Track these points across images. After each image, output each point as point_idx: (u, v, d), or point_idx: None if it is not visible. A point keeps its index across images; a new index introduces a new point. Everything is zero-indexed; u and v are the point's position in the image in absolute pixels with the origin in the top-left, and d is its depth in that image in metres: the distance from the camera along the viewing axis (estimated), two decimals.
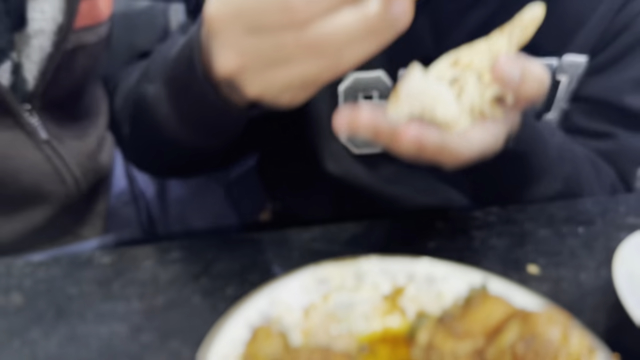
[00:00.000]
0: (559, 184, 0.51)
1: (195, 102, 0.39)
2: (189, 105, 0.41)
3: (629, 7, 0.58)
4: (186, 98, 0.40)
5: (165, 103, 0.43)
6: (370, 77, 0.57)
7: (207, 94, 0.36)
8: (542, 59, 0.57)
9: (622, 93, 0.59)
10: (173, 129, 0.43)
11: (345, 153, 0.59)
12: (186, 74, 0.38)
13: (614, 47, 0.59)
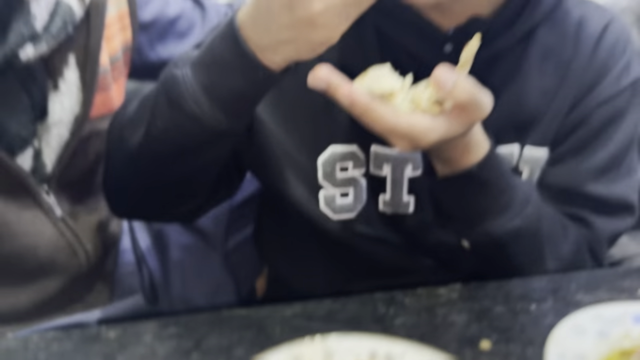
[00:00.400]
0: (520, 221, 0.56)
1: (230, 71, 0.47)
2: (222, 76, 0.47)
3: (582, 104, 0.63)
4: (222, 70, 0.47)
5: (194, 82, 0.48)
6: (346, 151, 0.63)
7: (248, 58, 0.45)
8: (504, 146, 0.62)
9: (584, 182, 0.64)
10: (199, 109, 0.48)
11: (326, 218, 0.64)
12: (226, 47, 0.46)
13: (572, 140, 0.64)
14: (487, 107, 0.47)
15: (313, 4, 0.42)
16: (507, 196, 0.56)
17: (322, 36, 0.45)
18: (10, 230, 0.60)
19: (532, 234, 0.58)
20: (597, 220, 0.65)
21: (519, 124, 0.63)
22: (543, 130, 0.63)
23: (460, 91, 0.44)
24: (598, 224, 0.65)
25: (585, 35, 0.64)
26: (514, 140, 0.63)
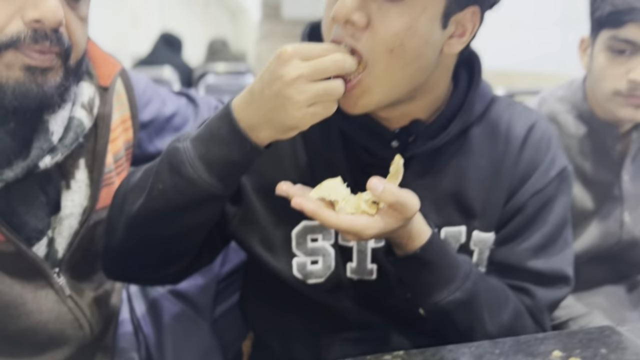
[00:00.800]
0: (461, 294, 0.66)
1: (224, 144, 0.59)
2: (218, 147, 0.60)
3: (518, 195, 0.73)
4: (218, 143, 0.60)
5: (193, 152, 0.61)
6: (316, 225, 0.74)
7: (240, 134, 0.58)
8: (453, 227, 0.73)
9: (525, 259, 0.73)
10: (195, 174, 0.60)
11: (299, 282, 0.73)
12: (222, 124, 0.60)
13: (513, 225, 0.74)
14: (414, 206, 0.60)
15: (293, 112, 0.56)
16: (449, 273, 0.67)
17: (294, 125, 0.58)
18: (27, 309, 0.69)
19: (472, 305, 0.68)
20: (537, 291, 0.74)
21: (464, 210, 0.74)
22: (486, 218, 0.73)
23: (388, 194, 0.57)
24: (538, 294, 0.74)
25: (513, 135, 0.75)
26: (461, 223, 0.74)
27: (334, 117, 0.69)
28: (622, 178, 1.00)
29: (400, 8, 0.59)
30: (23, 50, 0.60)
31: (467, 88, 0.73)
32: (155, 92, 0.91)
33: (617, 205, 1.01)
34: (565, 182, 0.76)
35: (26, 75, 0.61)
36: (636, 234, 1.02)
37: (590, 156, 0.99)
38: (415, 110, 0.70)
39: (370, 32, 0.60)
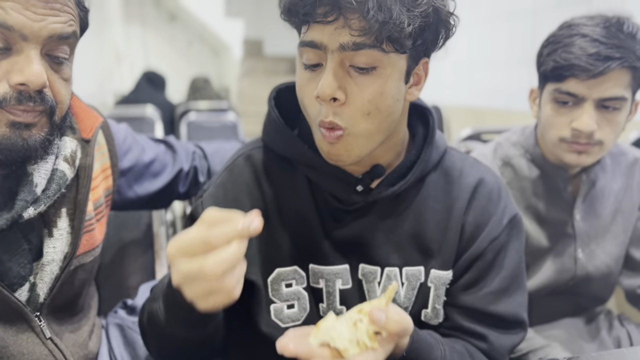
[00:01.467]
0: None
1: (179, 309, 0.63)
2: (176, 311, 0.65)
3: (476, 243, 0.79)
4: (175, 307, 0.64)
5: (163, 313, 0.68)
6: (289, 270, 0.79)
7: (182, 304, 0.60)
8: (412, 267, 0.79)
9: (486, 304, 0.79)
10: (171, 328, 0.67)
11: (276, 327, 0.77)
12: (171, 298, 0.64)
13: (473, 271, 0.80)
14: (411, 327, 0.65)
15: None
16: (430, 351, 0.72)
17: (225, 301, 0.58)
18: (8, 352, 0.72)
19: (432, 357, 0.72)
20: (496, 337, 0.79)
21: (423, 250, 0.79)
22: (442, 257, 0.79)
23: (392, 324, 0.61)
24: (496, 340, 0.79)
25: (465, 182, 0.81)
26: (420, 264, 0.79)
27: (300, 167, 0.76)
28: (574, 217, 1.07)
29: (372, 77, 0.67)
30: (8, 109, 0.65)
31: (423, 141, 0.81)
32: (134, 140, 0.96)
33: (570, 243, 1.07)
34: (516, 228, 0.82)
35: (12, 131, 0.66)
36: (589, 270, 1.08)
37: (543, 197, 1.06)
38: (376, 156, 0.77)
39: (349, 103, 0.67)
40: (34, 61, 0.65)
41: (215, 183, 0.83)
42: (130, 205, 0.98)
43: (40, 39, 0.66)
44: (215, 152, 1.09)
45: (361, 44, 0.64)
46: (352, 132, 0.68)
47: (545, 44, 0.99)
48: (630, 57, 0.89)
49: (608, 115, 0.94)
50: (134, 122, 2.95)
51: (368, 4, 0.61)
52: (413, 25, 0.64)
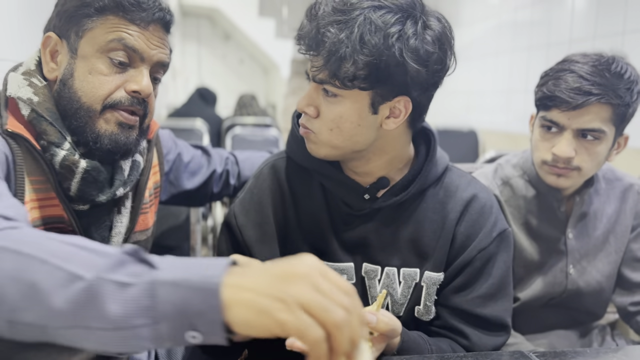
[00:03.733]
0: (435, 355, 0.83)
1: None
2: None
3: (467, 252, 0.90)
4: None
5: None
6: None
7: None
8: (409, 269, 0.91)
9: (473, 306, 0.90)
10: None
11: None
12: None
13: (463, 276, 0.91)
14: (399, 327, 0.77)
15: None
16: (419, 349, 0.83)
17: None
18: None
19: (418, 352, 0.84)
20: (480, 336, 0.89)
21: (419, 254, 0.91)
22: (435, 259, 0.91)
23: (382, 325, 0.73)
24: (483, 340, 0.89)
25: (460, 197, 0.93)
26: (416, 266, 0.91)
27: (316, 175, 0.91)
28: (567, 235, 1.15)
29: (335, 102, 0.83)
30: (118, 111, 0.84)
31: (424, 159, 0.93)
32: (175, 143, 1.15)
33: (562, 259, 1.15)
34: (504, 241, 0.93)
35: (119, 130, 0.85)
36: (580, 285, 1.16)
37: (538, 215, 1.15)
38: (378, 169, 0.91)
39: (319, 118, 0.85)
40: (145, 77, 0.85)
41: (244, 189, 0.99)
42: (171, 199, 1.15)
43: (151, 62, 0.86)
44: (245, 159, 1.26)
45: (322, 79, 0.81)
46: (318, 138, 0.86)
47: (543, 74, 1.09)
48: (609, 95, 0.98)
49: (587, 144, 1.03)
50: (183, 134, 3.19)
51: (321, 47, 0.79)
52: (360, 71, 0.77)
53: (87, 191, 0.84)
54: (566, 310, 1.20)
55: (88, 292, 0.50)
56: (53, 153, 0.81)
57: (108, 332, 0.49)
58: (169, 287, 0.49)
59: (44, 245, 0.55)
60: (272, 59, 7.04)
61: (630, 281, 1.18)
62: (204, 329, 0.48)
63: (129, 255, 0.53)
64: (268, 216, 0.93)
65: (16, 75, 0.84)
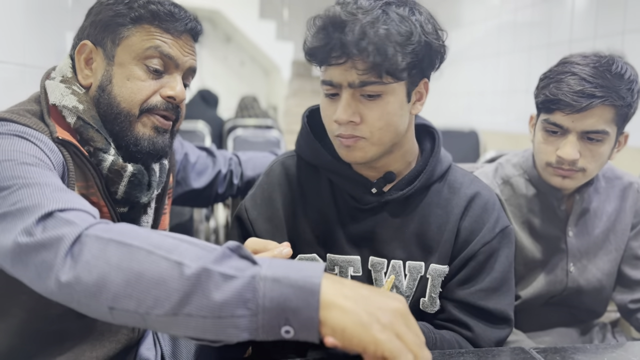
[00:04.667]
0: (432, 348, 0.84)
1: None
2: None
3: (470, 246, 0.92)
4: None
5: None
6: (309, 257, 0.95)
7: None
8: (414, 262, 0.92)
9: (477, 299, 0.91)
10: None
11: None
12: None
13: (467, 269, 0.92)
14: None
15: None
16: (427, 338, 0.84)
17: None
18: None
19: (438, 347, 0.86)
20: (484, 328, 0.91)
21: (424, 247, 0.93)
22: (440, 252, 0.93)
23: None
24: (486, 332, 0.91)
25: (464, 193, 0.95)
26: (421, 259, 0.93)
27: (325, 172, 0.92)
28: (567, 234, 1.16)
29: (378, 102, 0.84)
30: (154, 115, 0.87)
31: (429, 155, 0.96)
32: (181, 145, 1.17)
33: (563, 257, 1.17)
34: (507, 237, 0.95)
35: (155, 134, 0.88)
36: (581, 283, 1.17)
37: (539, 214, 1.16)
38: (388, 164, 0.93)
39: (364, 122, 0.84)
40: (179, 83, 0.90)
41: (255, 185, 1.01)
42: (178, 199, 1.17)
43: (183, 69, 0.91)
44: (248, 160, 1.27)
45: (365, 81, 0.81)
46: (369, 142, 0.86)
47: (542, 77, 1.10)
48: (612, 96, 0.99)
49: (591, 146, 1.04)
50: (185, 135, 3.20)
51: (368, 49, 0.78)
52: (406, 61, 0.81)
53: (133, 193, 0.87)
54: (567, 308, 1.21)
55: (193, 281, 0.54)
56: (101, 159, 0.84)
57: (208, 319, 0.53)
58: (270, 283, 0.53)
59: (148, 237, 0.59)
60: (273, 60, 7.06)
61: (630, 279, 1.19)
62: (298, 324, 0.53)
63: (231, 251, 0.57)
64: (278, 210, 0.96)
65: (55, 83, 0.86)
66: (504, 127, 3.47)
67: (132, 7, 0.86)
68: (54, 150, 0.78)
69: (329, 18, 0.81)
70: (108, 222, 0.64)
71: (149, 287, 0.55)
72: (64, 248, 0.58)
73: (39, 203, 0.64)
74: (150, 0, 0.86)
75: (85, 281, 0.56)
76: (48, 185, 0.68)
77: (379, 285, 0.94)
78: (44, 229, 0.61)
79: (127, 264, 0.56)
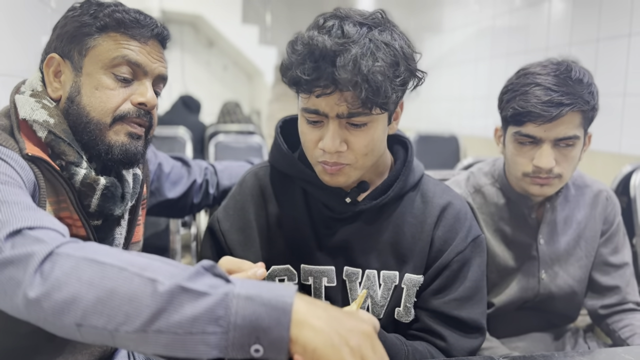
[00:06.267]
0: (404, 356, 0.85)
1: None
2: None
3: (444, 256, 0.92)
4: None
5: None
6: (282, 268, 0.95)
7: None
8: (388, 271, 0.93)
9: (451, 308, 0.92)
10: None
11: None
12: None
13: (441, 279, 0.93)
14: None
15: None
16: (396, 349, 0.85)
17: None
18: None
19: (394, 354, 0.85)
20: (457, 338, 0.92)
21: (399, 256, 0.94)
22: (415, 262, 0.94)
23: None
24: (460, 342, 0.92)
25: (437, 202, 0.96)
26: (395, 269, 0.94)
27: (299, 182, 0.93)
28: (539, 241, 1.18)
29: (365, 130, 0.84)
30: (127, 122, 0.87)
31: (402, 164, 0.97)
32: (155, 154, 1.16)
33: (534, 264, 1.19)
34: (479, 247, 0.96)
35: (129, 140, 0.88)
36: (552, 289, 1.19)
37: (510, 222, 1.18)
38: (363, 175, 0.93)
39: (351, 150, 0.85)
40: (149, 89, 0.89)
41: (228, 196, 1.01)
42: (152, 210, 1.16)
43: (153, 76, 0.90)
44: (224, 169, 1.27)
45: (355, 112, 0.81)
46: (353, 167, 0.86)
47: (505, 90, 1.11)
48: (579, 102, 1.02)
49: (564, 151, 1.07)
50: (166, 142, 3.19)
51: (362, 85, 0.77)
52: (395, 94, 0.82)
53: (107, 206, 0.87)
54: (540, 313, 1.24)
55: (166, 298, 0.54)
56: (73, 172, 0.83)
57: (179, 336, 0.54)
58: (242, 301, 0.54)
59: (120, 256, 0.59)
60: (255, 65, 7.05)
61: (600, 285, 1.22)
62: (268, 343, 0.54)
63: (205, 269, 0.58)
64: (250, 221, 0.96)
65: (25, 97, 0.85)
66: (483, 132, 3.52)
67: (97, 16, 0.86)
68: (24, 167, 0.77)
69: (317, 48, 0.78)
70: (78, 241, 0.63)
71: (121, 304, 0.55)
72: (34, 265, 0.58)
73: (7, 220, 0.63)
74: (115, 9, 0.86)
75: (54, 298, 0.56)
76: (17, 203, 0.67)
77: (354, 296, 0.94)
78: (12, 245, 0.61)
79: (99, 281, 0.56)
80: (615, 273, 1.21)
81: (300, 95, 0.85)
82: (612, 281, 1.21)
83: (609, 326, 1.20)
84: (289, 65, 0.81)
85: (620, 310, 1.20)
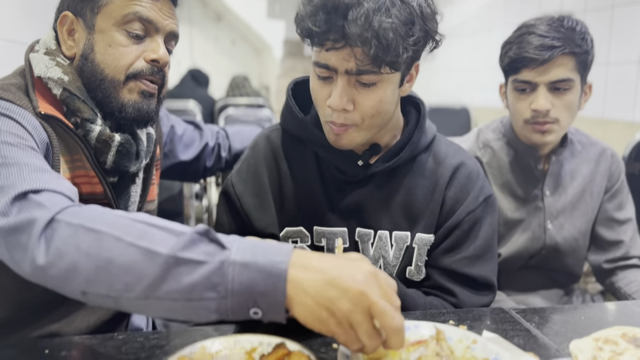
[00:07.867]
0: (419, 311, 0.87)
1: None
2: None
3: (455, 215, 0.93)
4: None
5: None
6: (295, 230, 0.96)
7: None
8: (400, 232, 0.94)
9: (462, 266, 0.94)
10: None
11: None
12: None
13: (452, 238, 0.94)
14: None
15: None
16: (415, 303, 0.89)
17: None
18: None
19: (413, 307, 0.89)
20: (468, 295, 0.94)
21: (410, 217, 0.95)
22: (426, 222, 0.95)
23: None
24: (470, 298, 0.94)
25: (449, 163, 0.96)
26: (406, 229, 0.95)
27: (310, 145, 0.93)
28: (544, 192, 1.21)
29: (373, 90, 0.83)
30: (141, 80, 0.88)
31: (415, 126, 0.96)
32: (168, 117, 1.18)
33: (540, 215, 1.21)
34: (490, 206, 0.97)
35: (141, 98, 0.89)
36: (558, 240, 1.22)
37: (517, 174, 1.22)
38: (375, 137, 0.93)
39: (357, 110, 0.84)
40: (162, 46, 0.89)
41: (241, 159, 1.01)
42: (166, 172, 1.18)
43: (164, 32, 0.90)
44: (235, 133, 1.28)
45: (364, 70, 0.80)
46: (359, 128, 0.86)
47: (504, 44, 1.16)
48: (570, 45, 1.07)
49: (560, 95, 1.11)
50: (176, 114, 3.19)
51: (371, 41, 0.76)
52: (407, 54, 0.80)
53: (122, 163, 0.88)
54: (546, 271, 1.26)
55: (163, 267, 0.55)
56: (89, 129, 0.84)
57: (179, 302, 0.55)
58: (238, 267, 0.55)
59: (116, 223, 0.60)
60: (264, 39, 7.00)
61: (604, 239, 1.25)
62: (266, 306, 0.55)
63: (200, 235, 0.58)
64: (264, 184, 0.96)
65: (40, 55, 0.86)
66: (495, 104, 3.48)
67: None
68: (37, 128, 0.78)
69: (330, 0, 0.77)
70: (81, 205, 0.64)
71: (118, 274, 0.56)
72: (37, 231, 0.59)
73: (13, 183, 0.65)
74: None
75: (58, 266, 0.58)
76: (27, 165, 0.69)
77: (367, 257, 0.95)
78: (19, 210, 0.62)
79: (96, 251, 0.57)
80: (619, 228, 1.24)
81: (313, 48, 0.84)
82: (616, 236, 1.24)
83: (614, 284, 1.22)
84: (303, 16, 0.81)
85: (624, 266, 1.22)
